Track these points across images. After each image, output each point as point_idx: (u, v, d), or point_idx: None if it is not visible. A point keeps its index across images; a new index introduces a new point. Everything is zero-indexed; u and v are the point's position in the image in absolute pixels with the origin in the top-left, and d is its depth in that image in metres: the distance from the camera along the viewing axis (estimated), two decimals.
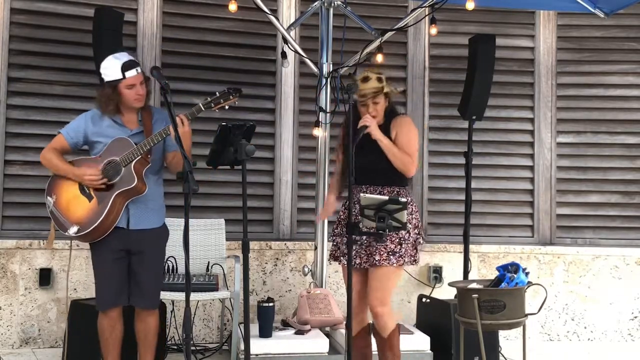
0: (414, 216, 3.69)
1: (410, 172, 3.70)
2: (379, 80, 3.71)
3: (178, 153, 3.46)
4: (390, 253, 3.59)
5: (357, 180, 3.59)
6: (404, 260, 3.61)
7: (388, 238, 3.58)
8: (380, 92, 3.70)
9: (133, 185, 3.53)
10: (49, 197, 3.69)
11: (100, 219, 3.52)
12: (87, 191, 3.61)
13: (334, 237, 3.82)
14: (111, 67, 3.58)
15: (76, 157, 3.73)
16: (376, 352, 3.78)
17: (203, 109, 3.52)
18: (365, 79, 3.70)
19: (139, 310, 3.72)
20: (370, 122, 3.64)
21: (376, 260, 3.58)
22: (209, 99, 3.52)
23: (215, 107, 3.51)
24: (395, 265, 3.59)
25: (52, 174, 3.74)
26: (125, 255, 3.64)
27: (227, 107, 3.53)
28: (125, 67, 3.57)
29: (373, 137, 3.63)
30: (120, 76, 3.56)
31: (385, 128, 3.72)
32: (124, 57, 3.62)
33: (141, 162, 3.56)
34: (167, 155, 3.71)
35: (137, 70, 3.61)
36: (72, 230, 3.58)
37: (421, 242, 3.72)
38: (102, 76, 3.61)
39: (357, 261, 3.65)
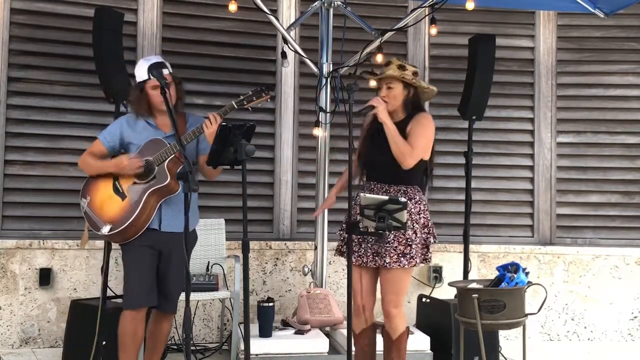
0: (422, 215, 3.64)
1: (405, 162, 3.55)
2: (400, 67, 3.65)
3: (203, 161, 3.48)
4: (400, 255, 3.54)
5: (368, 176, 3.65)
6: (416, 261, 3.57)
7: (396, 239, 3.55)
8: (396, 80, 3.64)
9: (166, 183, 3.52)
10: (83, 199, 3.68)
11: (133, 217, 3.50)
12: (121, 190, 3.60)
13: (341, 232, 3.78)
14: (140, 69, 3.62)
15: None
16: (380, 352, 3.78)
17: (236, 107, 3.52)
18: (387, 64, 3.70)
19: (157, 313, 3.70)
20: (379, 104, 3.56)
21: (387, 263, 3.54)
22: (241, 97, 3.53)
23: (248, 105, 3.54)
24: (406, 266, 3.56)
25: (86, 177, 3.73)
26: (157, 254, 3.62)
27: (259, 104, 3.58)
28: (151, 68, 3.55)
29: (379, 119, 3.55)
30: (145, 77, 3.57)
31: (404, 123, 3.65)
32: (153, 59, 3.66)
33: (174, 161, 3.54)
34: (199, 159, 3.69)
35: (163, 72, 3.57)
36: (105, 229, 3.56)
37: (432, 241, 3.67)
38: (135, 78, 3.67)
39: (364, 260, 3.61)
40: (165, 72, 3.57)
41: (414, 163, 3.59)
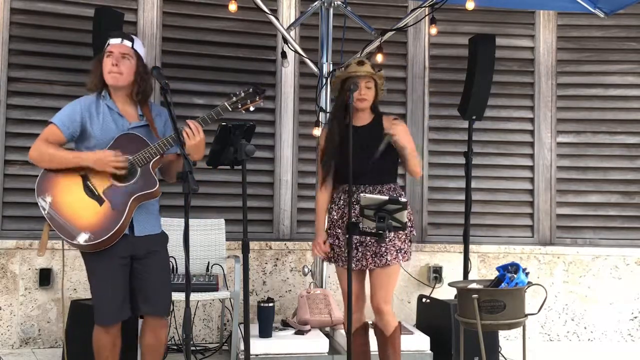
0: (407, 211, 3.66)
1: (419, 174, 3.76)
2: (373, 68, 3.71)
3: (176, 158, 3.27)
4: (398, 251, 3.59)
5: (345, 181, 3.58)
6: (408, 256, 3.66)
7: (396, 237, 3.57)
8: (372, 80, 3.67)
9: (155, 189, 3.19)
10: (41, 198, 3.19)
11: (117, 226, 3.14)
12: (96, 193, 3.18)
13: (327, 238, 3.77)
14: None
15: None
16: (375, 352, 3.77)
17: (230, 109, 3.23)
18: (361, 63, 3.69)
19: (149, 320, 3.37)
20: (399, 133, 3.59)
21: (389, 261, 3.57)
22: (234, 99, 3.23)
23: (242, 108, 3.26)
24: (401, 261, 3.62)
25: (41, 171, 3.24)
26: (129, 262, 3.28)
27: (252, 108, 3.28)
28: (112, 35, 3.28)
29: (400, 143, 3.57)
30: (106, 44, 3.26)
31: (376, 124, 3.67)
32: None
33: (156, 163, 3.24)
34: (165, 157, 3.33)
35: (122, 40, 3.26)
36: (82, 238, 3.14)
37: (415, 234, 3.73)
38: None
39: (364, 263, 3.61)
40: (120, 40, 3.26)
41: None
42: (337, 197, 3.72)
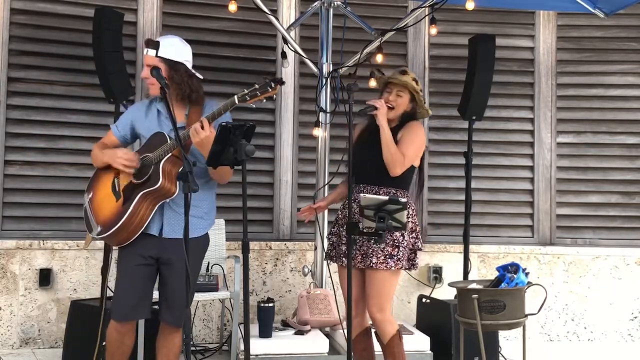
0: (410, 220, 3.58)
1: (395, 169, 3.54)
2: (415, 81, 3.69)
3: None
4: (387, 256, 3.51)
5: (357, 178, 3.58)
6: (402, 264, 3.53)
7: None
8: (408, 90, 3.67)
9: (157, 186, 3.12)
10: (86, 194, 3.37)
11: (122, 220, 3.15)
12: (117, 189, 3.26)
13: (330, 236, 3.78)
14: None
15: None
16: (379, 352, 3.76)
17: (237, 102, 3.13)
18: (404, 72, 3.72)
19: (165, 326, 3.33)
20: (381, 106, 3.56)
21: (373, 263, 3.51)
22: (245, 91, 3.11)
23: (251, 101, 3.11)
24: (393, 268, 3.52)
25: (94, 170, 3.42)
26: (153, 263, 3.26)
27: (264, 100, 3.13)
28: (147, 46, 3.32)
29: (377, 121, 3.55)
30: None
31: (396, 130, 3.64)
32: (161, 38, 3.38)
33: (172, 161, 3.15)
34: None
35: (147, 50, 3.31)
36: (95, 231, 3.26)
37: (420, 246, 3.62)
38: None
39: (353, 262, 3.58)
40: (146, 51, 3.29)
41: (402, 171, 3.58)
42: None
